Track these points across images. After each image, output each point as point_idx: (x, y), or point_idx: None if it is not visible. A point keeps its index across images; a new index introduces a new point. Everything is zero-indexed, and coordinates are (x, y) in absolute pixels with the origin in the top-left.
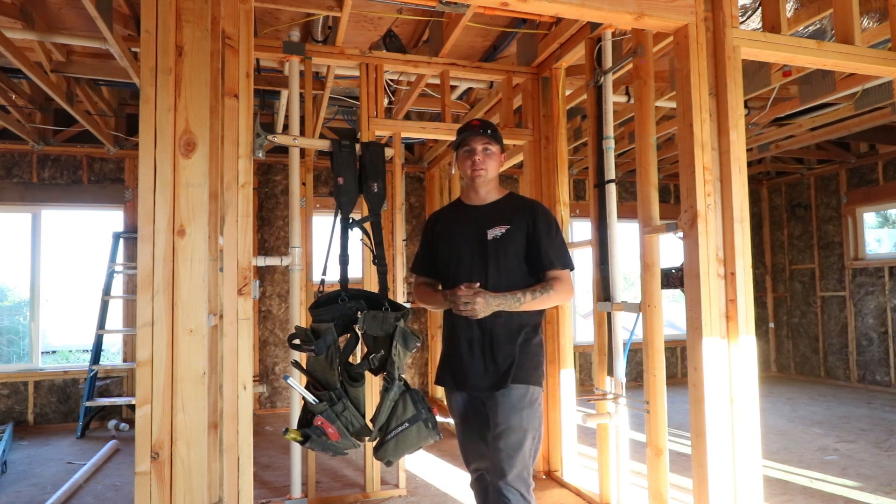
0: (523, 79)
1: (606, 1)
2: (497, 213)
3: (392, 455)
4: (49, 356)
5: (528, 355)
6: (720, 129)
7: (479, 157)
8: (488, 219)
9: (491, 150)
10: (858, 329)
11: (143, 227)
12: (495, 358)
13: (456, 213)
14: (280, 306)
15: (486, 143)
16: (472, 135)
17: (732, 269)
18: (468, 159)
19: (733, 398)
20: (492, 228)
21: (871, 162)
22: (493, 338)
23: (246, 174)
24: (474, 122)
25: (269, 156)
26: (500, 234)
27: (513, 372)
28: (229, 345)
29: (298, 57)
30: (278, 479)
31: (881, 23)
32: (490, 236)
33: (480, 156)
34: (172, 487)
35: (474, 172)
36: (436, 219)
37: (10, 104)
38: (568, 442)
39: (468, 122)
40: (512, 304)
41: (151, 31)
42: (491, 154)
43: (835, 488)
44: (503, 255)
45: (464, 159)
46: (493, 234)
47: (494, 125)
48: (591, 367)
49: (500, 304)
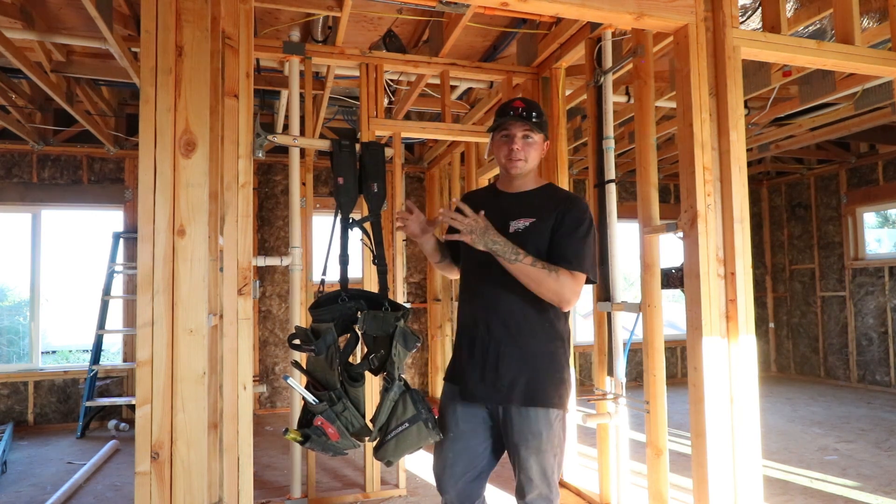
0: (523, 79)
1: (606, 1)
2: (526, 205)
3: (392, 455)
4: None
5: (549, 372)
6: (720, 129)
7: (517, 145)
8: (515, 210)
9: (533, 139)
10: (858, 329)
11: (143, 227)
12: (497, 366)
13: (486, 199)
14: (280, 306)
15: (528, 130)
16: (513, 119)
17: (732, 269)
18: (505, 146)
19: (733, 398)
20: (516, 220)
21: (871, 162)
22: (499, 342)
23: (246, 174)
24: (517, 102)
25: (269, 156)
26: (523, 228)
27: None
28: (229, 345)
29: (298, 57)
30: (278, 479)
31: (881, 23)
32: (512, 228)
33: (519, 144)
34: (172, 487)
35: (510, 163)
36: (467, 200)
37: (10, 104)
38: (568, 442)
39: (510, 100)
40: (509, 255)
41: (151, 31)
42: (532, 143)
43: (835, 488)
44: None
45: (500, 145)
46: (516, 226)
47: (541, 108)
48: (591, 367)
49: (498, 245)
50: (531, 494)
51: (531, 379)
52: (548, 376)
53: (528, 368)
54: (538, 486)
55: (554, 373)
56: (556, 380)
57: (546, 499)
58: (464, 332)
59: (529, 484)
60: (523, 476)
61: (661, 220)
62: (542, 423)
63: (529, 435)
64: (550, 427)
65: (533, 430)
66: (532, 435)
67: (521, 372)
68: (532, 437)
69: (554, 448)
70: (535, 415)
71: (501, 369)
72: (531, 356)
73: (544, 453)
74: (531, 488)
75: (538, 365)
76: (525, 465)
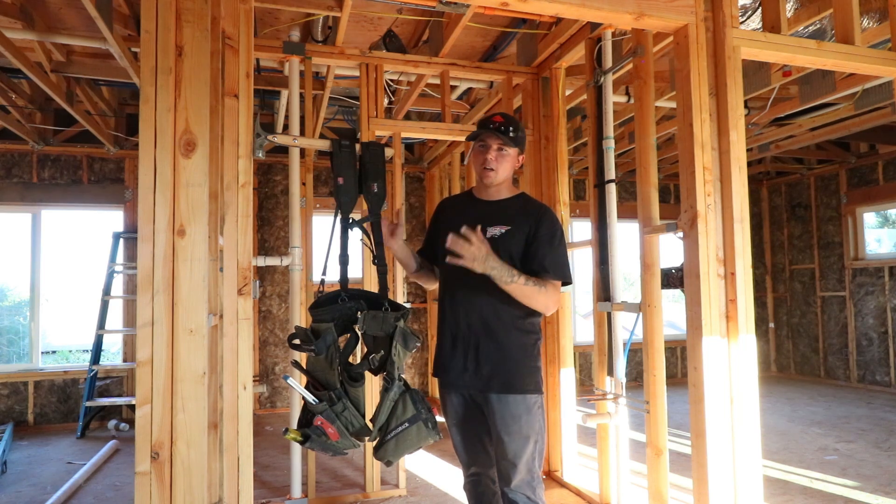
0: (523, 79)
1: (606, 1)
2: (501, 212)
3: (392, 455)
4: (49, 356)
5: (524, 361)
6: (720, 129)
7: (491, 155)
8: (492, 216)
9: (506, 152)
10: (858, 329)
11: (143, 227)
12: (477, 358)
13: (463, 205)
14: (280, 306)
15: (502, 143)
16: (490, 132)
17: (732, 269)
18: (480, 155)
19: (733, 398)
20: (493, 227)
21: (871, 162)
22: (478, 336)
23: (246, 174)
24: (497, 117)
25: (269, 156)
26: (499, 234)
27: (505, 379)
28: (229, 345)
29: (298, 57)
30: (278, 479)
31: (881, 23)
32: (489, 234)
33: (493, 154)
34: (172, 487)
35: (483, 171)
36: (444, 206)
37: (10, 104)
38: (568, 442)
39: (491, 115)
40: (505, 277)
41: (151, 31)
42: (505, 155)
43: (835, 488)
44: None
45: (476, 154)
46: (493, 232)
47: (519, 124)
48: (591, 367)
49: (496, 270)
50: (516, 480)
51: (509, 369)
52: (524, 365)
53: (505, 359)
54: (521, 471)
55: (528, 362)
56: (531, 368)
57: (529, 485)
58: (446, 329)
59: (513, 469)
60: (506, 462)
61: (661, 220)
62: (521, 407)
63: (510, 419)
64: (529, 411)
65: (513, 413)
66: (512, 419)
67: (499, 363)
68: (512, 422)
69: (536, 434)
70: (514, 400)
71: (481, 361)
72: (507, 348)
73: (525, 439)
74: (515, 474)
75: (514, 356)
76: (507, 450)
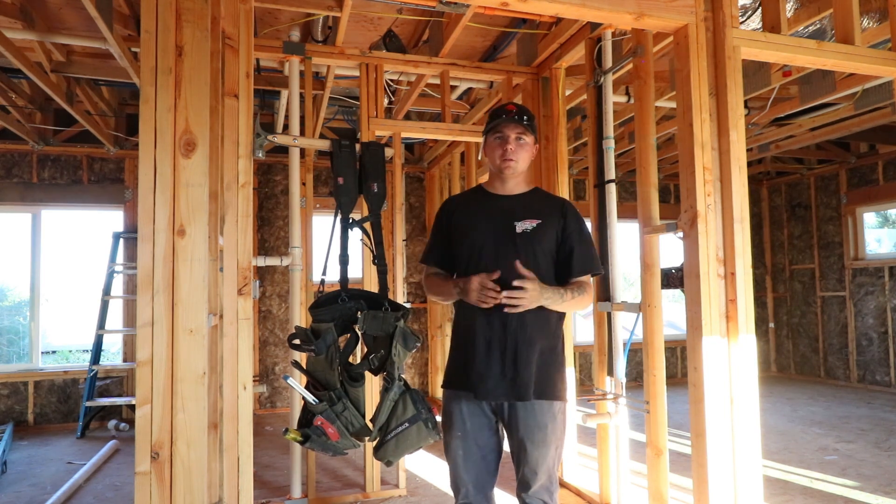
0: (523, 79)
1: (606, 1)
2: (527, 206)
3: (392, 455)
4: (49, 356)
5: (555, 366)
6: (720, 129)
7: (511, 146)
8: (517, 210)
9: (525, 141)
10: (858, 329)
11: (143, 227)
12: (516, 363)
13: (478, 202)
14: (280, 306)
15: (521, 132)
16: (506, 121)
17: (732, 269)
18: (499, 147)
19: (733, 398)
20: (521, 221)
21: (871, 162)
22: (516, 341)
23: (246, 174)
24: (510, 105)
25: (269, 156)
26: (531, 229)
27: (537, 384)
28: (229, 345)
29: (298, 57)
30: (278, 479)
31: (881, 23)
32: (519, 229)
33: (513, 145)
34: (172, 487)
35: (504, 163)
36: (453, 206)
37: (10, 104)
38: (568, 442)
39: (503, 105)
40: (556, 301)
41: (151, 31)
42: (524, 145)
43: (835, 488)
44: (533, 251)
45: (494, 147)
46: (523, 227)
47: (531, 112)
48: (591, 367)
49: (549, 299)
50: (535, 486)
51: (543, 374)
52: (555, 370)
53: (540, 364)
54: (541, 478)
55: (559, 367)
56: (561, 374)
57: (547, 490)
58: (478, 335)
59: (534, 477)
60: (528, 469)
61: (661, 220)
62: (547, 415)
63: (535, 428)
64: (555, 419)
65: (539, 422)
66: (538, 428)
67: (535, 368)
68: (538, 430)
69: (557, 440)
70: (541, 408)
71: (520, 366)
72: (541, 353)
73: (548, 446)
74: (535, 480)
75: (547, 360)
76: (530, 458)
